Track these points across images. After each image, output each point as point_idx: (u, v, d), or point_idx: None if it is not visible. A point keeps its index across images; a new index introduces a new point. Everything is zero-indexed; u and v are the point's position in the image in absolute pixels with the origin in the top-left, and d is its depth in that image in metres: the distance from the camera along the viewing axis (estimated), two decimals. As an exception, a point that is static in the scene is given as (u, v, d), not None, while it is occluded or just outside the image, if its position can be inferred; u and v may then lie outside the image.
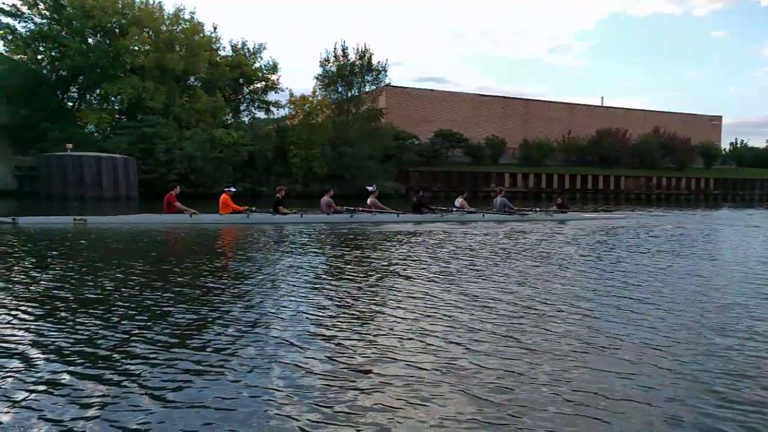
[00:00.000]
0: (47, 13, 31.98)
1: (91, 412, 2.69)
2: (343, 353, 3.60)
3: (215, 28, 38.08)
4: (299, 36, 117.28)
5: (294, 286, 5.75)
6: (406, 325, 4.29)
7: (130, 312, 4.51)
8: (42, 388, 2.96)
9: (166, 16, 34.29)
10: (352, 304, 4.98)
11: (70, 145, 25.64)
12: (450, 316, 4.56)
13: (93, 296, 5.10)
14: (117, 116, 33.85)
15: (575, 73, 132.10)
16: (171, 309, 4.64)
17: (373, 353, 3.61)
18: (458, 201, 15.57)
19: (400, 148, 40.54)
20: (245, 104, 40.70)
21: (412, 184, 39.59)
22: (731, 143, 61.03)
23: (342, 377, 3.18)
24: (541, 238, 10.98)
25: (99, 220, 12.02)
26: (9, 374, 3.13)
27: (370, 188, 14.58)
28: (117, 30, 32.93)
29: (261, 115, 40.98)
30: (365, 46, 38.44)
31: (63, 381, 3.06)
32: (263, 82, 39.52)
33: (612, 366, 3.44)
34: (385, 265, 7.21)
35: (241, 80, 38.64)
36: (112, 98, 33.17)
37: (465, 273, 6.72)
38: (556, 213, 16.12)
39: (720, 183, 51.21)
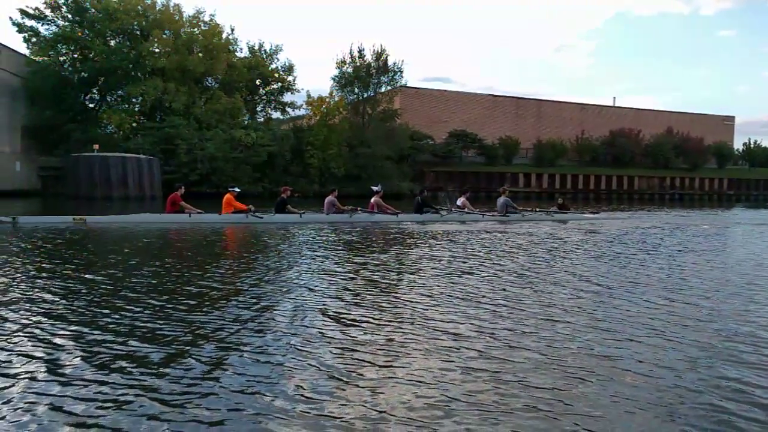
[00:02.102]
0: (69, 16, 32.40)
1: (95, 412, 2.62)
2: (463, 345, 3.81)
3: (233, 30, 38.37)
4: (301, 35, 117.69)
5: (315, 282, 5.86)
6: (502, 320, 4.50)
7: (130, 310, 4.48)
8: (42, 385, 2.94)
9: (185, 19, 34.66)
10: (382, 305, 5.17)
11: (96, 146, 26.01)
12: (541, 313, 4.76)
13: (90, 294, 5.11)
14: (137, 117, 34.26)
15: (581, 73, 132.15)
16: (167, 307, 4.65)
17: (489, 344, 3.83)
18: (460, 200, 15.59)
19: (414, 148, 40.81)
20: (261, 105, 41.05)
21: (426, 184, 40.00)
22: (744, 143, 60.92)
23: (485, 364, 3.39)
24: (581, 238, 11.16)
25: (98, 220, 12.07)
26: (12, 372, 3.11)
27: (375, 188, 14.69)
28: (138, 32, 33.32)
29: (276, 115, 41.43)
30: (381, 47, 38.68)
31: (68, 380, 3.02)
32: (279, 83, 39.85)
33: (733, 360, 3.61)
34: (380, 265, 7.24)
35: (258, 81, 38.99)
36: (133, 99, 33.54)
37: (531, 271, 6.92)
38: (557, 213, 16.12)
39: (734, 183, 51.25)
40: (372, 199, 14.40)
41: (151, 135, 30.58)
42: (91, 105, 34.95)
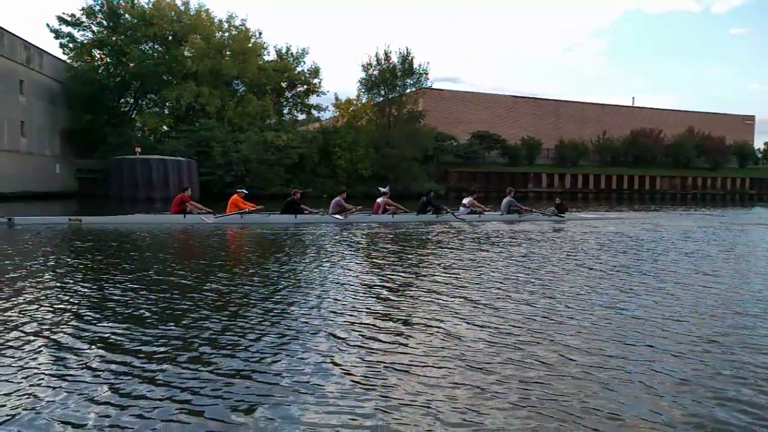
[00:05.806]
0: (104, 22, 33.17)
1: (100, 412, 2.60)
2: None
3: (260, 34, 38.92)
4: (304, 36, 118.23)
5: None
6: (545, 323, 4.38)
7: (126, 309, 4.47)
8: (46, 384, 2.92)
9: (217, 23, 35.35)
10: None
11: (138, 149, 26.69)
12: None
13: (86, 293, 5.13)
14: (170, 120, 34.99)
15: (592, 73, 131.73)
16: (160, 306, 4.66)
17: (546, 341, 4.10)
18: (467, 200, 15.83)
19: (438, 149, 41.20)
20: (288, 107, 41.66)
21: (451, 185, 40.38)
22: (765, 142, 60.72)
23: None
24: (649, 236, 11.42)
25: (94, 221, 12.15)
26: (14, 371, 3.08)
27: (382, 189, 14.95)
28: (171, 37, 34.03)
29: (302, 117, 42.00)
30: (407, 50, 39.13)
31: (70, 378, 3.01)
32: (305, 86, 40.44)
33: None
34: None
35: (284, 84, 39.60)
36: (168, 103, 34.25)
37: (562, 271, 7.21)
38: (555, 214, 16.21)
39: (755, 182, 51.13)
40: (378, 200, 14.72)
41: (186, 137, 31.23)
42: (125, 109, 35.73)
